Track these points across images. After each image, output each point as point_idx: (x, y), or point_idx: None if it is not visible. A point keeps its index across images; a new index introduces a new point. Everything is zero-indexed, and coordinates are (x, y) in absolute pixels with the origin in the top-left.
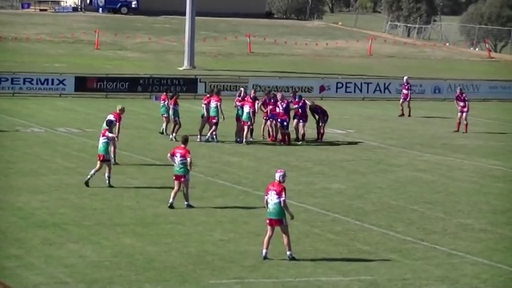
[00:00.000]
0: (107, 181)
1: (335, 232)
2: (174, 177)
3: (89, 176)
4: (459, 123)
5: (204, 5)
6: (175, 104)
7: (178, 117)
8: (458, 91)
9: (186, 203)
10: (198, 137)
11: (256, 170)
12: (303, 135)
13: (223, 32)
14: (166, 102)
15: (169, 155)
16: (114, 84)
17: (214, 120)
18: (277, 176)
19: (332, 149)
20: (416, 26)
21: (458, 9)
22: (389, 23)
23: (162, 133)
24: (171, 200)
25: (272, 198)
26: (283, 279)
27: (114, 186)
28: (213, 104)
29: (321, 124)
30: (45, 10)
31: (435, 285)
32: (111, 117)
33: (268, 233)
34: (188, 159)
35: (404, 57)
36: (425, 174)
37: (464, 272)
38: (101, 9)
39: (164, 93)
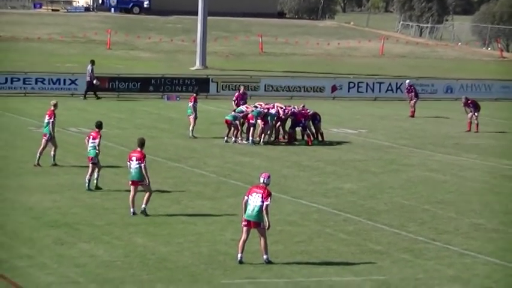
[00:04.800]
0: (96, 182)
1: (347, 232)
2: (130, 183)
3: (86, 182)
4: (470, 122)
5: (215, 5)
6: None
7: (239, 121)
8: (463, 100)
9: (143, 206)
10: (240, 138)
11: (268, 170)
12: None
13: (234, 32)
14: (192, 104)
15: (128, 162)
16: (126, 84)
17: (252, 121)
18: (262, 178)
19: (344, 149)
20: (429, 25)
21: (470, 8)
22: (401, 22)
23: (193, 136)
24: (132, 209)
25: (255, 201)
26: (295, 278)
27: (93, 190)
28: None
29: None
30: (57, 10)
31: (447, 285)
32: (47, 120)
33: (243, 236)
34: (142, 165)
35: (416, 57)
36: (437, 174)
37: (476, 272)
38: (113, 9)
39: (195, 94)
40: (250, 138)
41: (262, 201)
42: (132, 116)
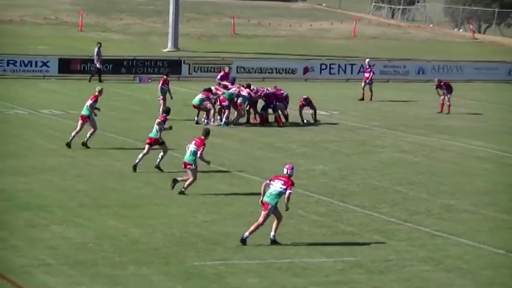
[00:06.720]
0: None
1: (319, 213)
2: (183, 165)
3: (137, 160)
4: (442, 104)
5: None
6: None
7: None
8: (436, 82)
9: (183, 189)
10: (213, 120)
11: (240, 152)
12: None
13: (207, 14)
14: (161, 85)
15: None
16: None
17: (224, 103)
18: (286, 170)
19: (316, 130)
20: (401, 7)
21: None
22: (373, 4)
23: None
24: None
25: (276, 186)
26: (267, 260)
27: (163, 170)
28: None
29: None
30: None
31: (419, 266)
32: (89, 102)
33: (260, 220)
34: (199, 152)
35: (389, 39)
36: (409, 155)
37: (448, 252)
38: None
39: (165, 76)
40: (224, 119)
41: (286, 189)
42: (104, 98)
